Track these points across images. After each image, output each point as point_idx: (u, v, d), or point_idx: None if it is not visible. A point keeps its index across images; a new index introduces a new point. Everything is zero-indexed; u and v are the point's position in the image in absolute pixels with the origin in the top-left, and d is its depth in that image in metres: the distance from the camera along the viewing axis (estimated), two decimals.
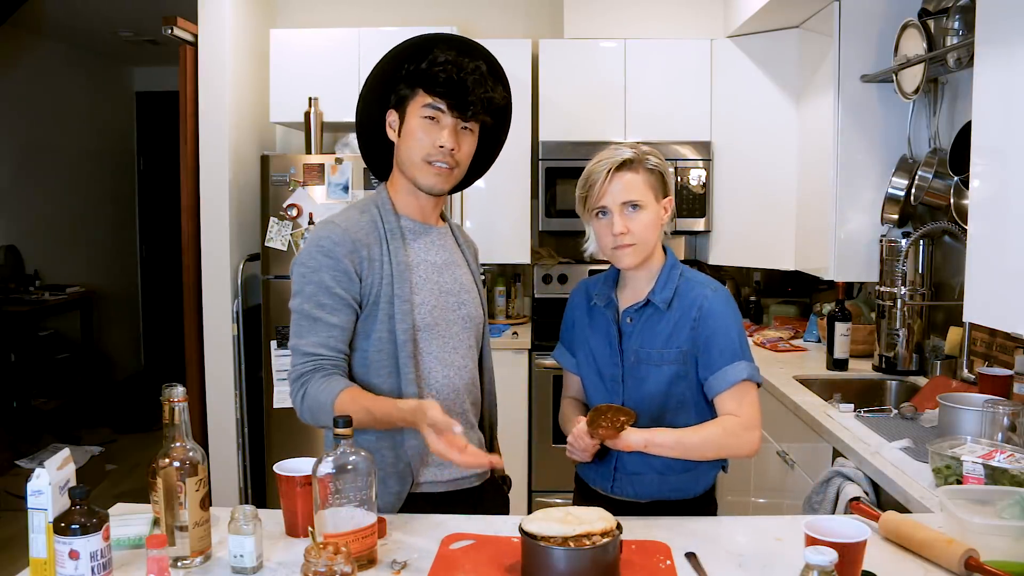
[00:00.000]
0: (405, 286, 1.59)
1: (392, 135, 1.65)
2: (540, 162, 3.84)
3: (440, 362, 1.64)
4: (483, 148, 1.71)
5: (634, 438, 1.56)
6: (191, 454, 1.32)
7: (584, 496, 1.78)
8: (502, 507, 1.79)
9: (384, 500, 1.56)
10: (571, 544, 1.23)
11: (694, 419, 1.67)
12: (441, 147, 1.57)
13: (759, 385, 1.66)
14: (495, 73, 1.65)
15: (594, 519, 1.28)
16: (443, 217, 1.76)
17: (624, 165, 1.62)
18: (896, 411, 2.37)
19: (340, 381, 1.53)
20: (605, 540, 1.24)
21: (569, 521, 1.27)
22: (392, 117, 1.64)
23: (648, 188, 1.63)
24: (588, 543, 1.23)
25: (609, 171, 1.61)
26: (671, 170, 1.89)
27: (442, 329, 1.64)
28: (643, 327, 1.68)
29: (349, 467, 1.29)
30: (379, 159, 1.74)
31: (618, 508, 1.54)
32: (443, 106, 1.56)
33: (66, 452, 1.30)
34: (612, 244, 1.65)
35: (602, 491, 1.75)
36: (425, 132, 1.58)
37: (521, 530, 1.27)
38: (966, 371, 2.56)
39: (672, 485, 1.69)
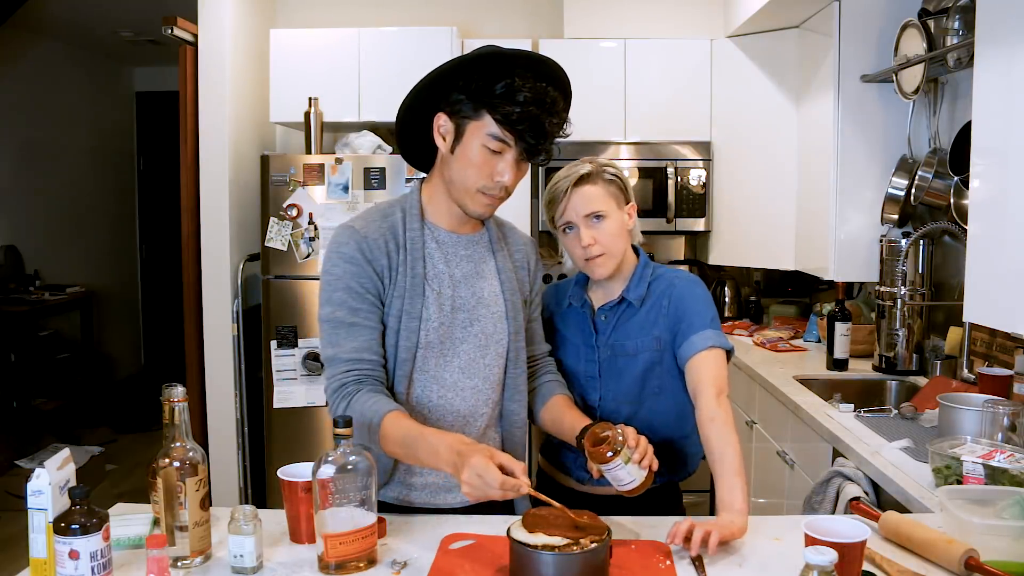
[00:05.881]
0: (417, 301, 1.52)
1: (440, 142, 1.52)
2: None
3: (437, 382, 1.55)
4: None
5: (735, 520, 1.42)
6: (191, 454, 1.32)
7: (552, 495, 1.69)
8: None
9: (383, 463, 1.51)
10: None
11: (671, 405, 1.73)
12: (499, 181, 1.49)
13: (729, 353, 1.69)
14: (566, 95, 1.55)
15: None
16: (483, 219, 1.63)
17: (583, 179, 1.68)
18: (896, 411, 2.37)
19: (386, 401, 1.46)
20: (594, 545, 1.23)
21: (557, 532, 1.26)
22: (443, 121, 1.51)
23: (609, 197, 1.69)
24: (576, 548, 1.23)
25: (568, 187, 1.67)
26: (629, 178, 1.97)
27: (445, 348, 1.55)
28: (618, 322, 1.74)
29: (349, 467, 1.29)
30: (416, 150, 1.63)
31: (598, 506, 1.49)
32: (512, 142, 1.46)
33: (66, 452, 1.30)
34: (583, 256, 1.70)
35: (578, 485, 1.74)
36: (486, 161, 1.48)
37: (510, 537, 1.27)
38: (966, 371, 2.56)
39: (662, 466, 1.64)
